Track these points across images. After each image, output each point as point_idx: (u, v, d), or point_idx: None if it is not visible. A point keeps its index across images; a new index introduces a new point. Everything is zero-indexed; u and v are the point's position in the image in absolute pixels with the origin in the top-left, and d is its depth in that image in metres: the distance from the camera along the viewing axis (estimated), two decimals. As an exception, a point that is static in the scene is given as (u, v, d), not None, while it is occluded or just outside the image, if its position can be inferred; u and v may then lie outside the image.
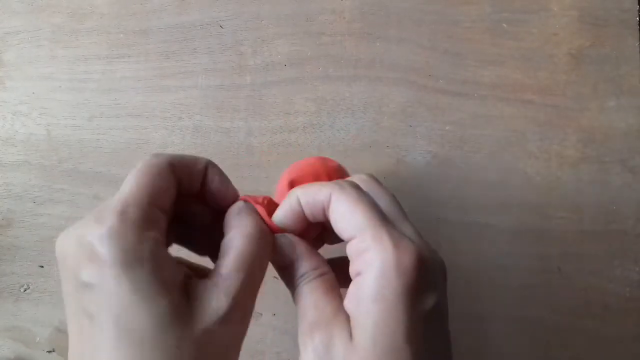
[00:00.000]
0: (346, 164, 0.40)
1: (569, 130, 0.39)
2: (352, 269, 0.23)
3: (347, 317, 0.22)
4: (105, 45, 0.43)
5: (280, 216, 0.26)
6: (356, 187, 0.24)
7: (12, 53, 0.44)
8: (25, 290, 0.42)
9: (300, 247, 0.25)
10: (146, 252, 0.20)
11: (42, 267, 0.42)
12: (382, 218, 0.23)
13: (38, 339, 0.41)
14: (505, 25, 0.40)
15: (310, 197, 0.25)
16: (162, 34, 0.43)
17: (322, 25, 0.41)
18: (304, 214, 0.25)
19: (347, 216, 0.23)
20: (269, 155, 0.41)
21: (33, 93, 0.43)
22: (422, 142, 0.40)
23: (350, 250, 0.23)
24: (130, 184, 0.22)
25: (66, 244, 0.21)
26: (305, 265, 0.25)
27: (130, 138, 0.42)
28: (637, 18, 0.39)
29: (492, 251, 0.38)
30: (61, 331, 0.41)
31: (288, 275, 0.25)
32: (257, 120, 0.41)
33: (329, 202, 0.24)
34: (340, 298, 0.23)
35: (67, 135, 0.43)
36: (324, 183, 0.25)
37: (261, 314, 0.39)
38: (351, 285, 0.22)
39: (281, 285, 0.26)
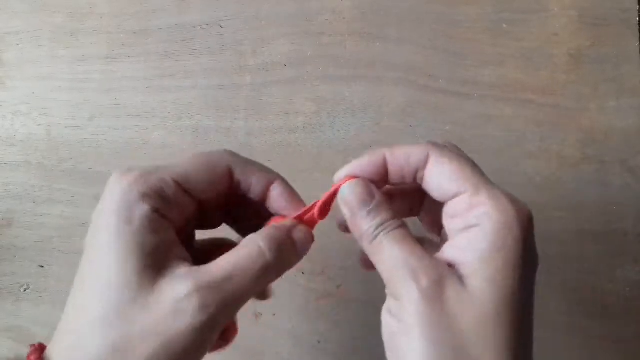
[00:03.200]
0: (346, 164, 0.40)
1: (569, 130, 0.39)
2: (457, 224, 0.23)
3: (447, 267, 0.22)
4: (105, 45, 0.43)
5: (356, 169, 0.24)
6: (452, 149, 0.25)
7: (12, 53, 0.44)
8: (25, 290, 0.42)
9: (379, 195, 0.24)
10: (141, 216, 0.22)
11: (42, 267, 0.42)
12: (488, 178, 0.23)
13: (38, 339, 0.41)
14: (505, 25, 0.40)
15: (401, 155, 0.24)
16: (162, 34, 0.43)
17: (322, 25, 0.41)
18: (385, 174, 0.24)
19: (452, 175, 0.23)
20: (269, 155, 0.41)
21: (33, 93, 0.43)
22: (422, 142, 0.40)
23: (456, 206, 0.23)
24: (181, 160, 0.24)
25: (111, 178, 0.23)
26: (386, 213, 0.23)
27: (130, 138, 0.42)
28: (637, 18, 0.39)
29: (492, 251, 0.38)
30: (61, 331, 0.41)
31: (364, 223, 0.23)
32: (257, 120, 0.41)
33: (425, 162, 0.24)
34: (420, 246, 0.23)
35: (67, 135, 0.43)
36: (414, 144, 0.24)
37: (261, 314, 0.39)
38: (460, 238, 0.22)
39: (281, 285, 0.26)
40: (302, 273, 0.39)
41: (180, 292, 0.21)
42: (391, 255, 0.22)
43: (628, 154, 0.38)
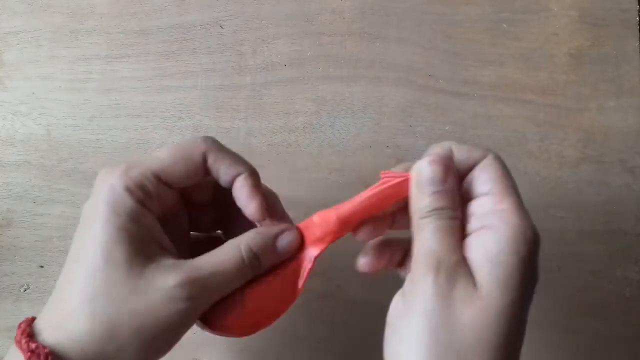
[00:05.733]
0: (346, 164, 0.40)
1: (569, 130, 0.39)
2: (475, 224, 0.24)
3: (469, 268, 0.23)
4: (105, 45, 0.43)
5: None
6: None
7: (12, 53, 0.44)
8: (25, 290, 0.42)
9: (452, 180, 0.24)
10: (126, 208, 0.24)
11: (42, 267, 0.42)
12: (519, 196, 0.24)
13: (38, 339, 0.41)
14: (505, 25, 0.40)
15: (465, 150, 0.25)
16: (162, 34, 0.43)
17: (322, 25, 0.41)
18: (453, 165, 0.25)
19: (496, 178, 0.24)
20: (269, 155, 0.41)
21: (33, 93, 0.43)
22: (422, 142, 0.40)
23: (480, 206, 0.24)
24: (160, 152, 0.26)
25: (99, 173, 0.26)
26: (448, 201, 0.24)
27: (130, 138, 0.42)
28: (637, 18, 0.39)
29: (492, 251, 0.38)
30: (61, 331, 0.41)
31: (424, 200, 0.24)
32: (257, 120, 0.41)
33: (481, 160, 0.25)
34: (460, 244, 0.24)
35: (67, 135, 0.43)
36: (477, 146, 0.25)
37: (261, 314, 0.39)
38: (474, 237, 0.23)
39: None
40: (302, 273, 0.39)
41: (170, 281, 0.23)
42: (427, 240, 0.23)
43: (628, 154, 0.38)
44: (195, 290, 0.24)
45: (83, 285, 0.23)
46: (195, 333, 0.39)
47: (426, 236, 0.24)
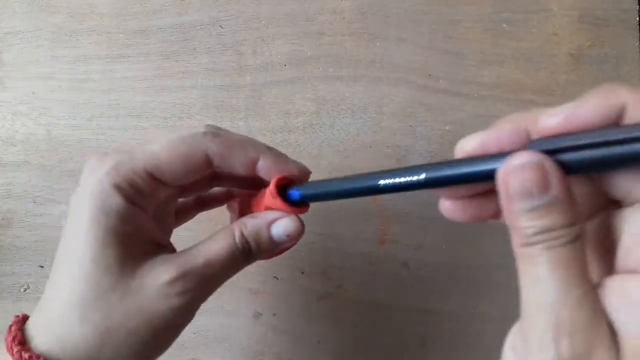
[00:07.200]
0: (346, 164, 0.40)
1: (569, 130, 0.39)
2: (627, 257, 0.17)
3: (606, 319, 0.16)
4: (105, 45, 0.43)
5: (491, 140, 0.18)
6: None
7: (12, 53, 0.44)
8: (25, 290, 0.42)
9: (560, 187, 0.16)
10: (116, 207, 0.23)
11: (42, 267, 0.42)
12: None
13: (38, 339, 0.41)
14: (505, 25, 0.40)
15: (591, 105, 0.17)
16: (162, 34, 0.43)
17: (322, 25, 0.41)
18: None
19: None
20: (269, 155, 0.41)
21: (33, 93, 0.43)
22: (422, 142, 0.40)
23: (637, 222, 0.17)
24: (155, 146, 0.24)
25: (87, 162, 0.24)
26: (560, 217, 0.16)
27: (130, 138, 0.42)
28: (637, 18, 0.39)
29: (492, 251, 0.38)
30: (61, 331, 0.41)
31: (520, 220, 0.16)
32: (257, 120, 0.41)
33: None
34: (590, 280, 0.16)
35: (67, 135, 0.43)
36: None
37: (261, 314, 0.39)
38: (623, 281, 0.16)
39: (281, 285, 0.26)
40: (302, 273, 0.39)
41: (164, 278, 0.23)
42: (540, 284, 0.16)
43: (628, 154, 0.38)
44: (190, 283, 0.23)
45: (72, 289, 0.23)
46: (195, 333, 0.39)
47: (536, 277, 0.16)
